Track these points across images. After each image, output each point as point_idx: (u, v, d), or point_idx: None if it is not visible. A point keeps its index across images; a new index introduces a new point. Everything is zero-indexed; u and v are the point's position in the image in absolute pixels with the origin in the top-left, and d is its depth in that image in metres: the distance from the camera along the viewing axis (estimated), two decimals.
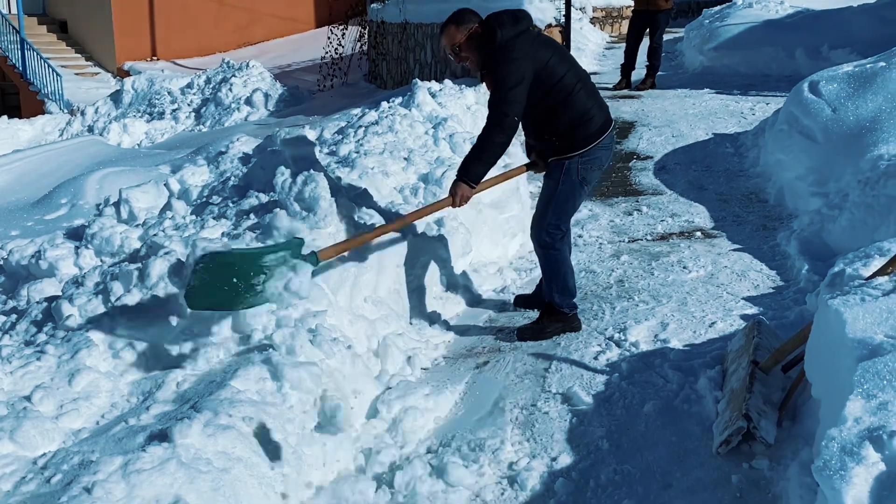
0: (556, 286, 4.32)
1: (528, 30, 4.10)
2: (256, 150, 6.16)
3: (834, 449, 2.18)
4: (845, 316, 2.70)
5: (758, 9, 12.79)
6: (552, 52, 4.10)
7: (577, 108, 4.10)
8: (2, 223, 7.48)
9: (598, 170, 4.26)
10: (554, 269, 4.31)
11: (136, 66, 21.61)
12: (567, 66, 4.13)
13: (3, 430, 2.98)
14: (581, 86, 4.13)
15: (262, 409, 3.16)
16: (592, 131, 4.13)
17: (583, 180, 4.19)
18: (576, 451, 3.32)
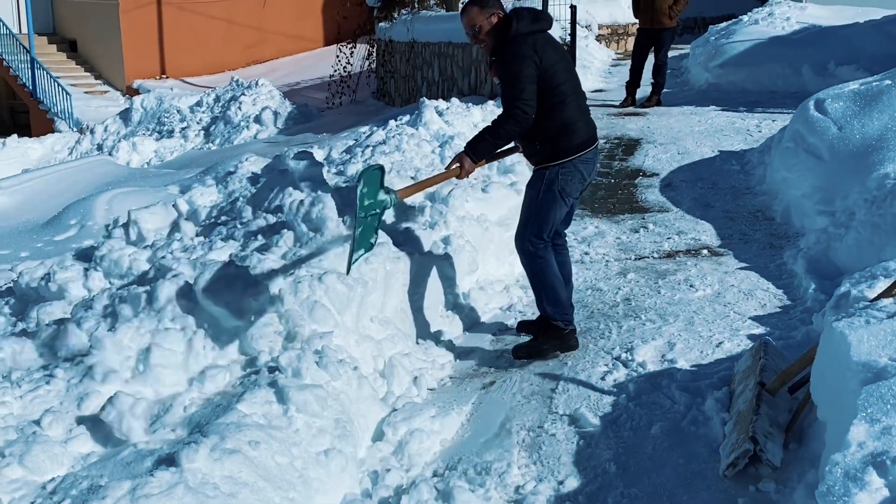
0: (545, 297, 4.29)
1: (544, 30, 4.18)
2: (265, 171, 6.19)
3: (837, 474, 2.18)
4: (850, 339, 2.71)
5: (764, 25, 12.80)
6: (559, 59, 4.16)
7: (564, 117, 4.14)
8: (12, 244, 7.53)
9: (578, 183, 4.24)
10: (540, 279, 4.28)
11: (145, 84, 21.75)
12: (567, 76, 4.18)
13: (12, 455, 2.99)
14: (574, 98, 4.19)
15: (268, 432, 3.17)
16: (575, 143, 4.15)
17: (562, 191, 4.17)
18: (583, 474, 3.31)
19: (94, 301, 4.10)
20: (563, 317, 4.30)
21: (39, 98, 20.74)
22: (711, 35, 13.24)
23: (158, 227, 5.66)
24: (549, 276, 4.28)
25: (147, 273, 4.33)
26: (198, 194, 6.19)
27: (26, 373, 3.60)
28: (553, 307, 4.28)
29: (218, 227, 5.27)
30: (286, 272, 4.24)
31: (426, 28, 14.33)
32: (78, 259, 5.39)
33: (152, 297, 3.88)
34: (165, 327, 3.73)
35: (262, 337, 3.84)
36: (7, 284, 5.73)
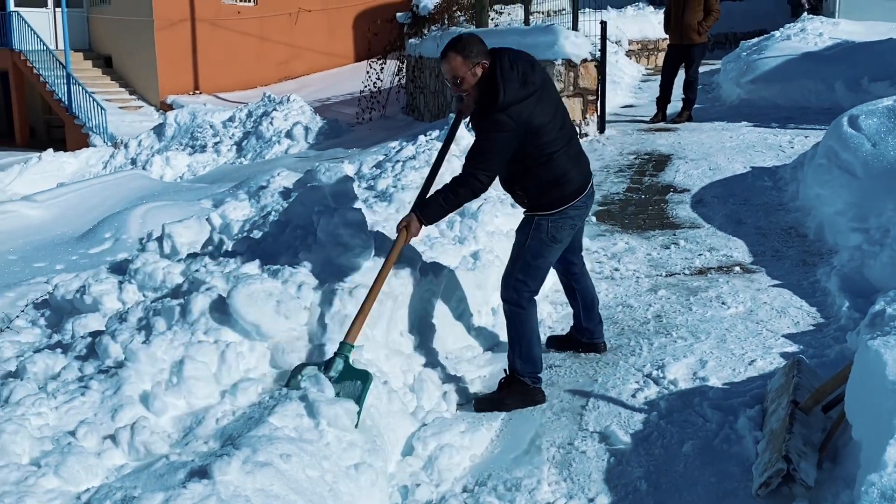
0: (518, 351, 4.08)
1: (534, 93, 3.83)
2: (297, 185, 6.25)
3: (874, 495, 2.16)
4: (885, 357, 2.68)
5: (796, 41, 12.72)
6: (551, 116, 3.90)
7: (554, 172, 3.94)
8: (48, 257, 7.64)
9: (569, 229, 4.07)
10: (518, 331, 4.08)
11: (178, 99, 22.02)
12: (559, 128, 3.95)
13: (48, 465, 3.03)
14: (565, 149, 3.96)
15: (299, 445, 3.18)
16: (566, 193, 3.97)
17: (553, 238, 4.00)
18: (613, 491, 3.29)
19: (128, 314, 4.15)
20: (531, 374, 4.08)
21: (75, 113, 21.07)
22: (743, 51, 13.18)
23: (192, 241, 5.72)
24: (527, 331, 4.09)
25: (181, 286, 4.37)
26: (231, 208, 6.26)
27: (62, 384, 3.64)
28: (523, 363, 4.08)
29: (250, 240, 5.31)
30: (317, 286, 4.27)
31: None
32: (112, 272, 5.46)
33: (186, 310, 3.92)
34: (199, 340, 3.77)
35: (293, 351, 3.88)
36: (42, 296, 5.82)
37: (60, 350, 4.13)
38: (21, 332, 5.31)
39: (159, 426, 3.36)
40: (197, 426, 3.33)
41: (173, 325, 3.88)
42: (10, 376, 3.90)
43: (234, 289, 3.89)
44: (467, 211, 5.74)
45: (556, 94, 4.06)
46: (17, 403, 3.41)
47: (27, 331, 5.34)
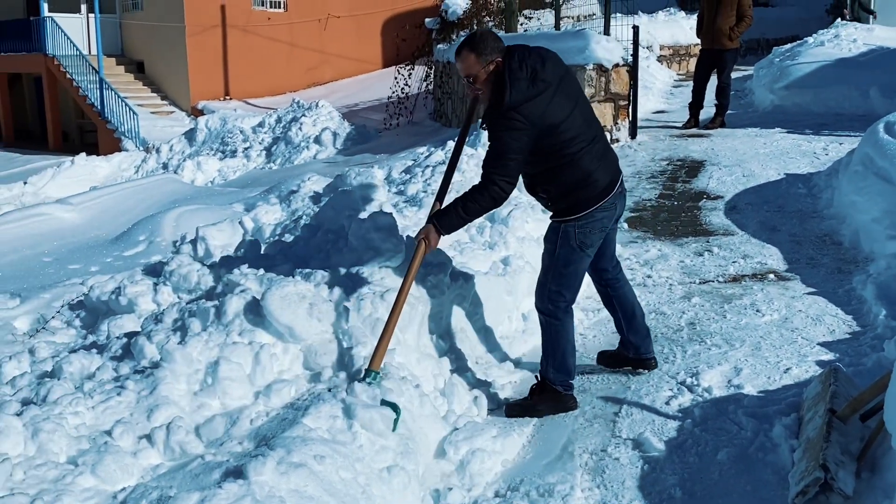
0: (552, 361, 4.03)
1: (545, 90, 3.70)
2: (327, 190, 6.28)
3: None
4: None
5: (830, 47, 12.61)
6: (569, 112, 3.75)
7: (577, 172, 3.79)
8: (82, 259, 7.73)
9: (599, 231, 3.91)
10: (553, 342, 4.03)
11: (209, 105, 22.24)
12: (581, 124, 3.80)
13: (85, 464, 3.06)
14: (588, 147, 3.80)
15: (332, 447, 3.19)
16: (592, 195, 3.83)
17: (582, 245, 3.88)
18: (647, 498, 3.28)
19: (163, 315, 4.19)
20: (564, 383, 4.04)
21: (107, 117, 21.32)
22: (776, 56, 13.09)
23: (225, 244, 5.76)
24: (562, 342, 4.02)
25: (215, 288, 4.41)
26: (262, 212, 6.30)
27: (98, 384, 3.68)
28: (556, 372, 4.03)
29: (282, 244, 5.35)
30: (349, 289, 4.29)
31: None
32: (147, 274, 5.51)
33: (220, 311, 3.96)
34: (233, 341, 3.80)
35: (325, 353, 3.90)
36: (78, 298, 5.89)
37: (96, 350, 4.18)
38: (57, 333, 5.39)
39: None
40: (232, 427, 3.35)
41: (208, 326, 3.92)
42: (46, 376, 3.95)
43: (268, 291, 3.92)
44: (497, 216, 5.74)
45: (577, 90, 3.90)
46: (55, 402, 3.45)
47: (63, 331, 5.41)
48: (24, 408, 3.43)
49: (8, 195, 15.81)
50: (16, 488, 2.87)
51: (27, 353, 4.51)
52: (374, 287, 4.33)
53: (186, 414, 3.45)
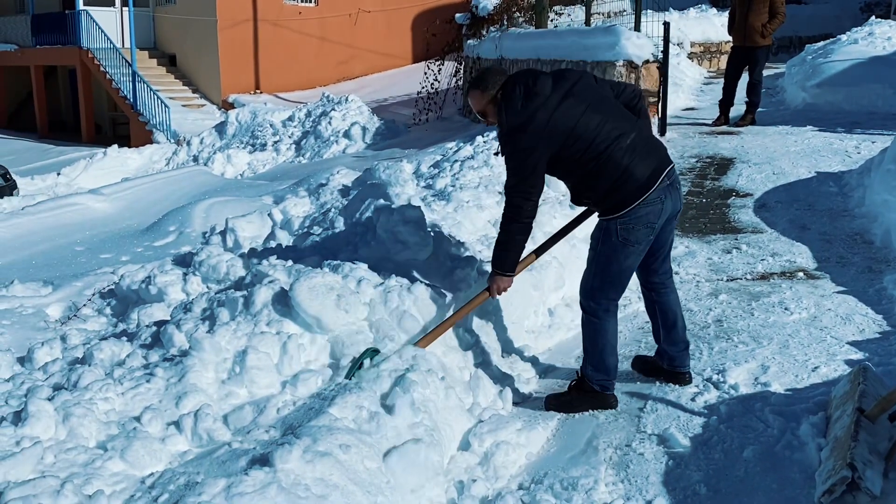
0: (591, 359, 3.99)
1: (544, 105, 3.71)
2: (356, 183, 6.32)
3: None
4: None
5: (863, 45, 12.44)
6: (580, 115, 3.71)
7: (613, 169, 3.72)
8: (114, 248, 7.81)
9: (645, 227, 3.78)
10: (592, 340, 3.98)
11: (240, 98, 22.38)
12: (599, 124, 3.72)
13: (114, 449, 3.11)
14: (616, 143, 3.72)
15: (358, 437, 3.21)
16: (632, 189, 3.72)
17: (625, 241, 3.78)
18: (672, 494, 3.26)
19: (192, 304, 4.23)
20: (602, 382, 3.99)
21: (139, 110, 21.52)
22: (808, 54, 12.93)
23: (254, 236, 5.81)
24: (601, 341, 3.96)
25: (244, 279, 4.44)
26: (291, 205, 6.34)
27: (127, 371, 3.73)
28: (595, 371, 3.99)
29: (311, 236, 5.38)
30: (376, 282, 4.30)
31: (514, 45, 14.35)
32: (177, 264, 5.57)
33: (249, 301, 3.99)
34: (261, 331, 3.83)
35: (352, 344, 3.91)
36: (109, 286, 5.96)
37: (126, 338, 4.24)
38: (88, 321, 5.46)
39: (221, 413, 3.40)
40: (258, 415, 3.38)
41: (237, 316, 3.95)
42: (77, 362, 4.01)
43: (297, 282, 3.94)
44: None
45: (593, 93, 3.83)
46: (85, 388, 3.50)
47: (94, 319, 5.49)
48: (56, 393, 3.49)
49: (42, 185, 16.03)
50: (46, 471, 2.91)
51: (59, 340, 4.58)
52: (402, 280, 4.35)
53: (214, 402, 3.49)
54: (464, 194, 6.00)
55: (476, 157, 7.81)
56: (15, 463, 2.90)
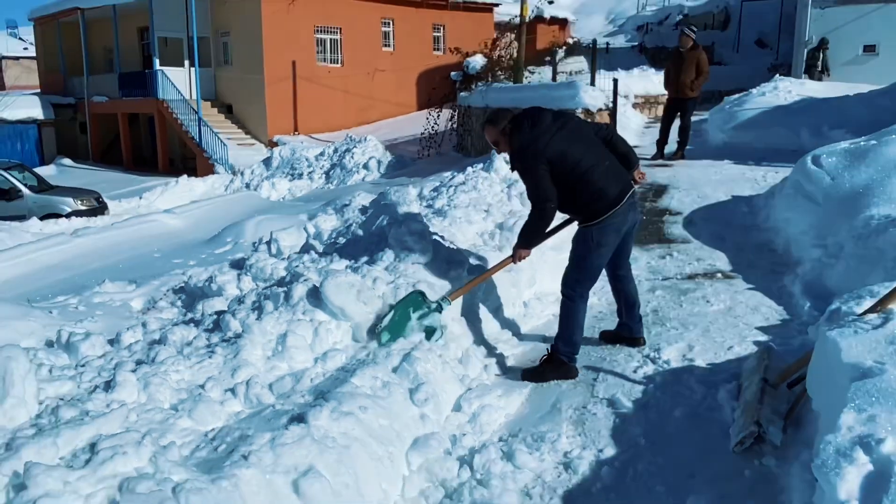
0: (562, 335, 4.02)
1: (545, 132, 3.83)
2: (372, 203, 6.31)
3: (830, 451, 2.12)
4: (841, 345, 2.63)
5: (770, 97, 12.47)
6: (569, 143, 3.83)
7: (591, 187, 3.84)
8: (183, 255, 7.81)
9: (614, 233, 3.92)
10: (565, 319, 4.02)
11: (282, 138, 22.39)
12: (584, 151, 3.86)
13: (184, 410, 3.11)
14: (593, 168, 3.85)
15: (374, 400, 3.22)
16: (606, 203, 3.85)
17: (598, 244, 3.90)
18: (618, 445, 3.28)
19: (245, 297, 4.24)
20: (569, 354, 4.03)
21: (204, 147, 21.52)
22: (727, 104, 12.96)
23: (293, 245, 5.80)
24: (572, 321, 4.01)
25: (284, 278, 4.44)
26: (322, 220, 6.32)
27: (194, 350, 3.73)
28: (564, 344, 4.02)
29: (337, 245, 5.38)
30: (388, 280, 4.31)
31: (497, 97, 14.41)
32: (232, 267, 5.56)
33: (288, 295, 3.99)
34: (298, 318, 3.83)
35: (369, 329, 3.92)
36: (180, 285, 5.96)
37: (193, 324, 4.24)
38: (163, 311, 5.45)
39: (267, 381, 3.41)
40: (296, 383, 3.39)
41: (279, 306, 3.95)
42: (155, 343, 4.00)
43: (325, 280, 3.95)
44: (505, 225, 5.75)
45: (578, 131, 3.95)
46: (161, 363, 3.51)
47: (167, 310, 5.48)
48: (138, 367, 3.50)
49: (127, 207, 16.04)
50: (131, 427, 2.92)
51: (140, 326, 4.58)
52: (409, 278, 4.35)
53: (261, 373, 3.49)
54: (457, 212, 6.00)
55: (467, 182, 7.79)
56: (106, 421, 2.92)
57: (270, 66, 22.70)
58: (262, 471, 2.60)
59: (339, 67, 24.45)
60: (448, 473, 3.12)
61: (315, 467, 2.67)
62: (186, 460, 2.75)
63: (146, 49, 25.00)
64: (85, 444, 2.76)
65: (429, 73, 25.23)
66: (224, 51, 24.39)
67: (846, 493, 1.96)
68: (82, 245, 8.80)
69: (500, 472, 3.12)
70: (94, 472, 2.52)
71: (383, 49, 25.54)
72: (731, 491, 2.84)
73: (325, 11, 23.74)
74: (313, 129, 23.45)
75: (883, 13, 16.07)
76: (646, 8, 33.15)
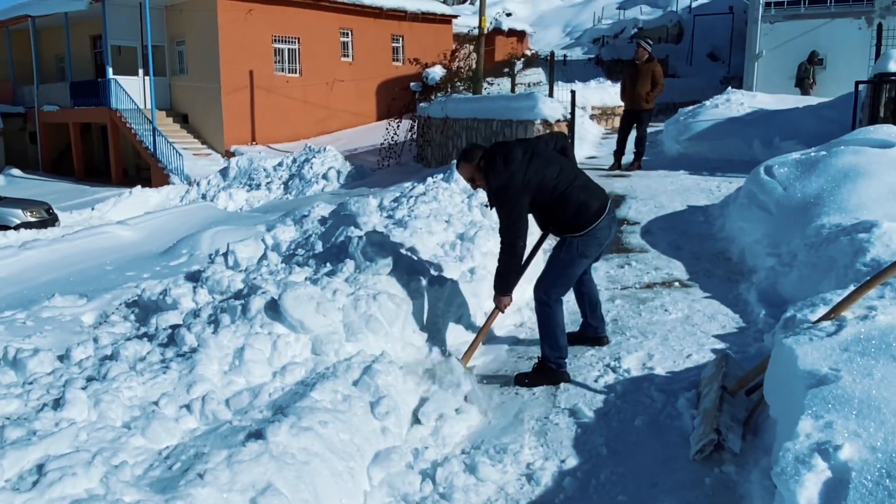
0: (547, 340, 4.04)
1: (518, 168, 3.87)
2: (332, 214, 6.26)
3: (789, 458, 2.14)
4: (797, 352, 2.67)
5: (723, 108, 12.74)
6: (543, 171, 3.90)
7: (573, 203, 3.91)
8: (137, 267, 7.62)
9: (596, 245, 4.02)
10: (547, 325, 4.03)
11: (239, 148, 22.11)
12: (559, 173, 3.93)
13: (136, 428, 3.02)
14: (572, 184, 3.93)
15: (334, 415, 3.17)
16: (589, 216, 3.93)
17: (582, 254, 3.99)
18: (580, 455, 3.28)
19: (200, 311, 4.14)
20: (557, 360, 4.03)
21: (158, 158, 21.14)
22: (681, 116, 13.19)
23: (250, 256, 5.71)
24: (553, 325, 4.03)
25: (241, 290, 4.36)
26: (280, 231, 6.25)
27: (148, 365, 3.63)
28: (551, 350, 4.03)
29: (296, 256, 5.31)
30: (348, 291, 4.26)
31: (457, 107, 14.47)
32: (188, 279, 5.45)
33: (246, 308, 3.92)
34: (256, 332, 3.76)
35: (329, 342, 3.87)
36: (133, 298, 5.81)
37: (147, 339, 4.12)
38: (115, 325, 5.31)
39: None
40: (254, 399, 3.31)
41: (236, 320, 3.88)
42: (106, 358, 3.88)
43: (284, 293, 3.89)
44: (466, 235, 5.74)
45: (546, 152, 4.03)
46: (113, 379, 3.40)
47: (120, 324, 5.33)
48: (89, 383, 3.39)
49: (79, 218, 15.63)
50: (80, 447, 2.82)
51: (91, 341, 4.45)
52: (369, 290, 4.31)
53: (218, 389, 3.41)
54: (417, 223, 5.98)
55: (427, 193, 7.78)
56: (54, 440, 2.81)
57: (227, 75, 22.42)
58: (219, 489, 2.53)
59: (297, 77, 24.26)
60: (410, 487, 3.08)
61: (273, 485, 2.61)
62: (139, 480, 2.66)
63: (99, 57, 24.49)
64: (32, 466, 2.65)
65: (388, 83, 25.20)
66: (179, 59, 24.02)
67: (805, 500, 1.98)
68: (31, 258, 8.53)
69: (463, 485, 3.08)
70: (42, 495, 2.42)
71: (342, 59, 25.44)
72: (693, 499, 2.85)
73: (283, 21, 23.56)
74: (271, 139, 23.20)
75: (830, 28, 16.62)
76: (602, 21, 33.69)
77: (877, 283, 2.89)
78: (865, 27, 16.18)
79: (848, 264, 4.35)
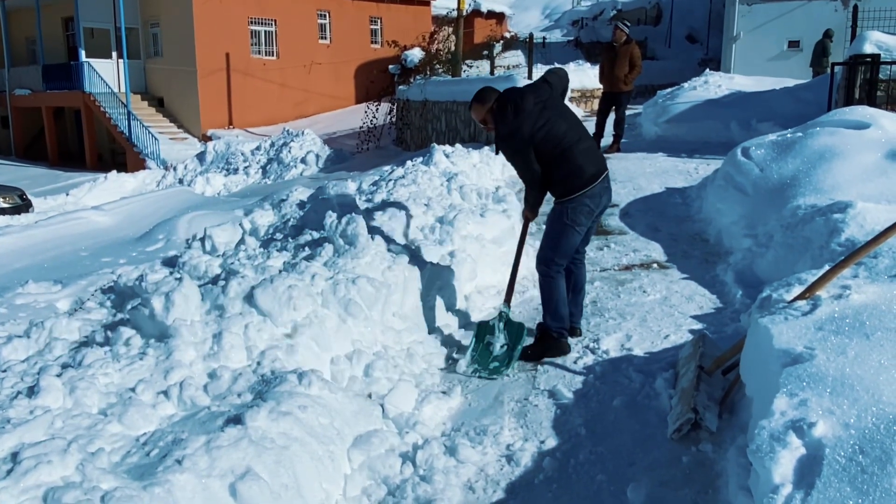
0: (549, 310, 4.12)
1: (527, 118, 3.91)
2: (310, 198, 6.20)
3: (765, 436, 2.17)
4: (772, 331, 2.69)
5: (701, 90, 12.80)
6: (552, 123, 3.92)
7: (571, 164, 3.93)
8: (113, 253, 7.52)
9: (586, 214, 4.02)
10: (548, 294, 4.11)
11: (216, 132, 21.86)
12: (566, 128, 3.96)
13: (113, 414, 2.98)
14: (574, 146, 3.95)
15: (313, 399, 3.15)
16: (581, 182, 3.95)
17: (573, 221, 4.00)
18: (559, 435, 3.30)
19: None
20: (559, 330, 4.11)
21: (134, 142, 20.85)
22: (659, 98, 13.23)
23: (228, 241, 5.65)
24: (555, 295, 4.09)
25: (219, 275, 4.32)
26: (258, 216, 6.18)
27: (125, 351, 3.59)
28: (552, 319, 4.11)
29: (274, 241, 5.27)
30: (327, 276, 4.24)
31: (436, 90, 14.39)
32: (165, 265, 5.38)
33: (224, 293, 3.88)
34: (231, 316, 3.72)
35: (309, 326, 3.84)
36: (109, 284, 5.72)
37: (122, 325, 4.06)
38: (91, 312, 5.21)
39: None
40: (233, 384, 3.28)
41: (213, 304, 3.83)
42: (82, 345, 3.83)
43: (257, 287, 3.82)
44: (445, 219, 5.72)
45: (560, 106, 4.07)
46: (88, 366, 3.36)
47: (96, 311, 5.23)
48: (64, 370, 3.34)
49: (53, 204, 15.37)
50: (56, 434, 2.78)
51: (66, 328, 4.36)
52: (348, 274, 4.29)
53: (196, 374, 3.37)
54: (397, 206, 5.94)
55: (406, 176, 7.76)
56: (29, 428, 2.76)
57: (203, 58, 22.10)
58: (198, 475, 2.51)
59: (274, 60, 23.98)
60: (390, 470, 3.08)
61: (253, 469, 2.59)
62: (116, 467, 2.64)
63: (71, 40, 24.02)
64: (6, 454, 2.61)
65: (367, 66, 25.00)
66: (154, 42, 23.62)
67: (780, 477, 2.01)
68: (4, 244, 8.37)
69: (443, 467, 3.09)
70: (17, 483, 2.39)
71: (320, 42, 25.17)
72: (670, 477, 2.88)
73: (260, 3, 23.24)
74: (249, 122, 22.96)
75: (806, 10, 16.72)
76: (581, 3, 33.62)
77: (851, 262, 2.92)
78: (842, 9, 16.30)
79: (823, 244, 4.40)
